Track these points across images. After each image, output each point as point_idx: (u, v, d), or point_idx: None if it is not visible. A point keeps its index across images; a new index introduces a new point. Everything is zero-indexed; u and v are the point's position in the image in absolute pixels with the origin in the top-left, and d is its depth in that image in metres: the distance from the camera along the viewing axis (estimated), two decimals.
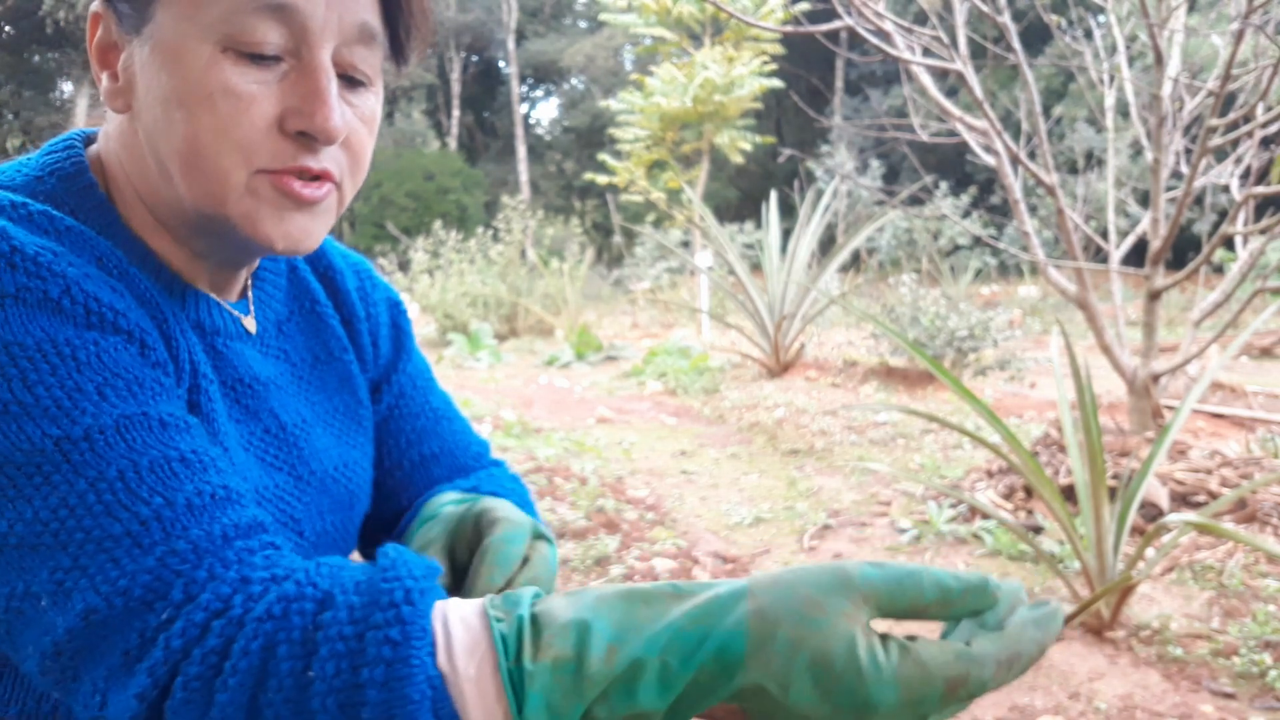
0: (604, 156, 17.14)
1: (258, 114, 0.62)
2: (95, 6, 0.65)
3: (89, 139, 0.73)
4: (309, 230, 0.67)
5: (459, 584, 0.74)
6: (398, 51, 0.69)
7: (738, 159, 16.71)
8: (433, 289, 9.99)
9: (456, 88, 28.31)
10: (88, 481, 0.54)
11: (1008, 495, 3.39)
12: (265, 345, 0.78)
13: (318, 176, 0.65)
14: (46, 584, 0.53)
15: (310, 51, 0.63)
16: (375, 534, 0.90)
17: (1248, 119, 3.28)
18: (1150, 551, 2.72)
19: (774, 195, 7.43)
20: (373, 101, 0.69)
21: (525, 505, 0.88)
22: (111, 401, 0.57)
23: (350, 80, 0.67)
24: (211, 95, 0.61)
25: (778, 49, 16.12)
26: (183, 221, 0.68)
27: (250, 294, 0.78)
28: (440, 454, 0.90)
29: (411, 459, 0.89)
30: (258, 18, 0.61)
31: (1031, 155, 4.74)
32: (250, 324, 0.77)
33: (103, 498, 0.54)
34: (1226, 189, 4.32)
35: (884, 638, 0.51)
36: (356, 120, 0.67)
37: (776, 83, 15.69)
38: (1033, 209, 13.29)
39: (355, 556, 0.94)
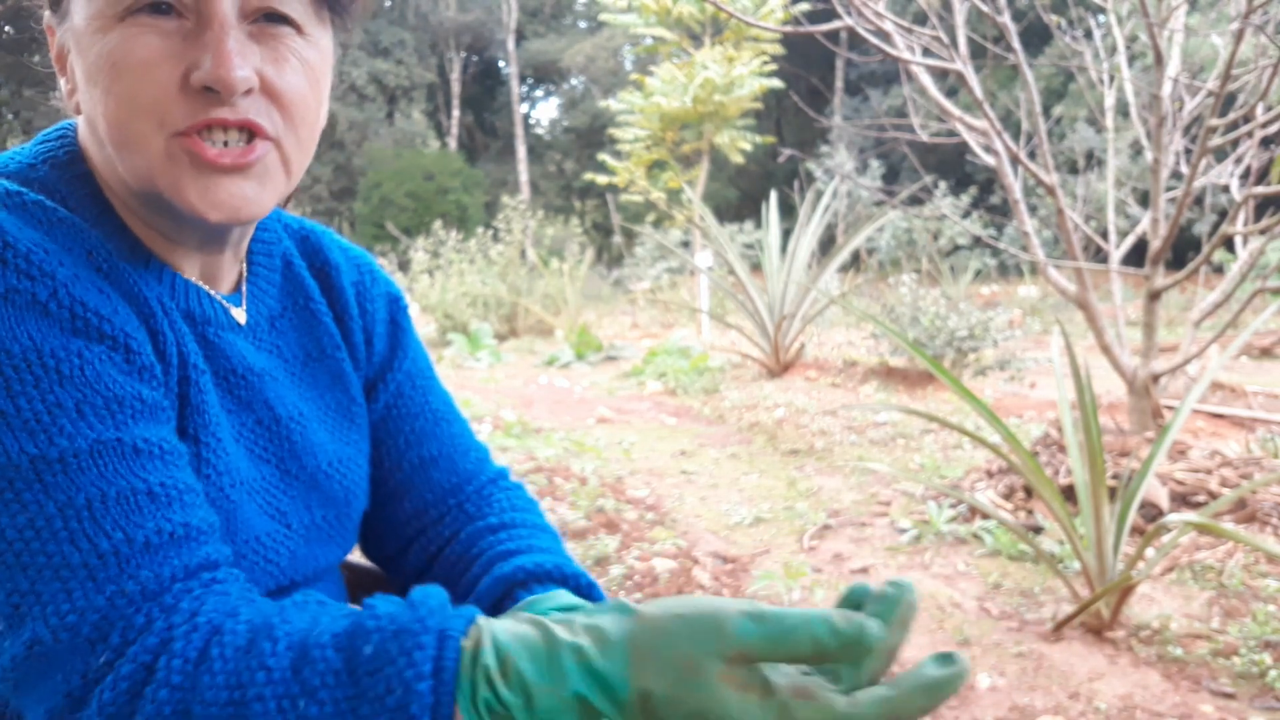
0: (604, 156, 17.12)
1: (163, 75, 0.61)
2: (46, 19, 0.66)
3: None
4: (246, 196, 0.64)
5: None
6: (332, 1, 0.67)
7: (738, 159, 16.69)
8: (433, 289, 9.98)
9: (456, 88, 28.30)
10: (56, 505, 0.55)
11: (1008, 495, 3.39)
12: (257, 338, 0.77)
13: (247, 132, 0.63)
14: (3, 605, 0.55)
15: (208, 3, 0.61)
16: (383, 536, 0.89)
17: (1248, 119, 3.28)
18: (1150, 551, 2.72)
19: (774, 195, 7.43)
20: (307, 50, 0.66)
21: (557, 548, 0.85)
22: (89, 421, 0.58)
23: (273, 20, 0.64)
24: (116, 64, 0.60)
25: (778, 49, 16.10)
26: (140, 203, 0.68)
27: (244, 287, 0.78)
28: (440, 457, 0.89)
29: (411, 461, 0.87)
30: None
31: (1031, 155, 4.74)
32: (240, 315, 0.76)
33: (69, 524, 0.55)
34: (1226, 189, 4.32)
35: (766, 685, 0.51)
36: (280, 67, 0.64)
37: (776, 83, 15.68)
38: (1033, 209, 13.29)
39: (355, 554, 0.93)
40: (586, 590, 0.78)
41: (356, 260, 0.89)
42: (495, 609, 0.77)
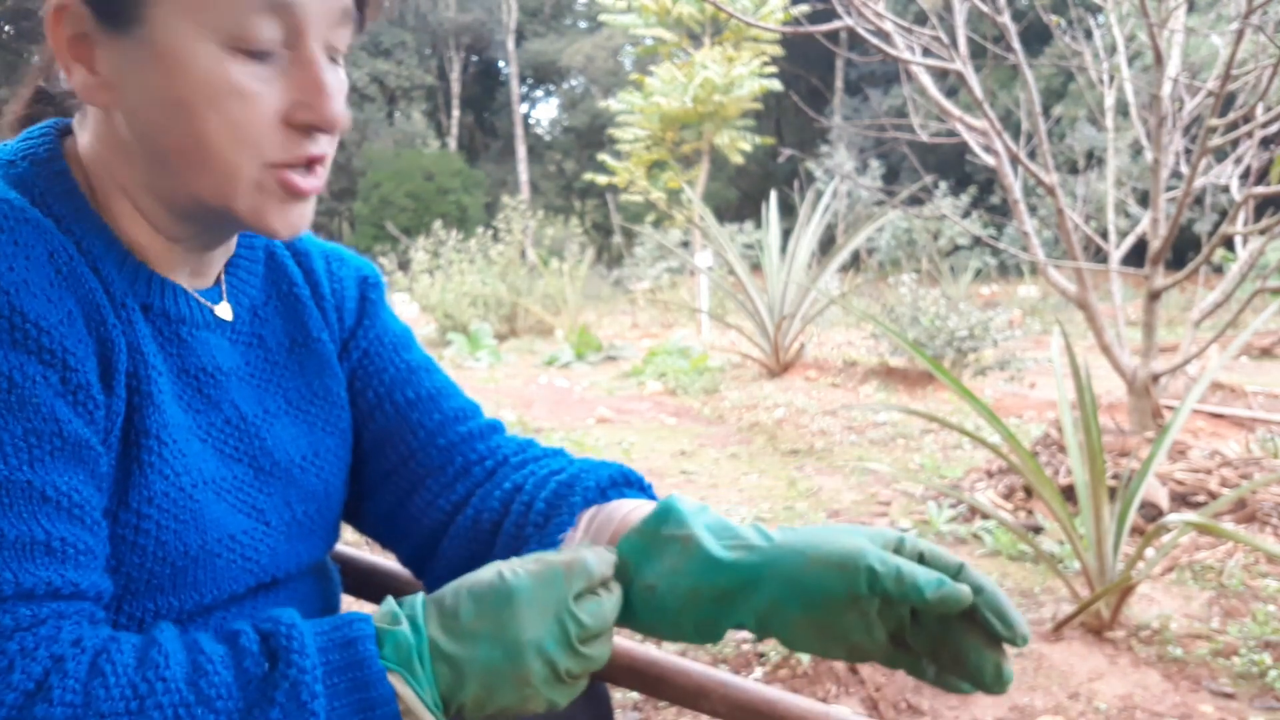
0: (604, 156, 17.15)
1: (265, 110, 0.64)
2: (55, 2, 0.64)
3: (65, 128, 0.73)
4: (306, 216, 0.70)
5: None
6: (359, 23, 0.71)
7: (738, 159, 16.72)
8: (433, 289, 9.98)
9: (456, 88, 28.31)
10: None
11: (1008, 495, 3.39)
12: (236, 333, 0.78)
13: (315, 161, 0.68)
14: None
15: (305, 44, 0.65)
16: (373, 496, 0.87)
17: (1248, 119, 3.28)
18: (1150, 551, 2.72)
19: (774, 195, 7.43)
20: (344, 75, 0.70)
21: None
22: (5, 453, 0.57)
23: (331, 61, 0.68)
24: (220, 96, 0.63)
25: (777, 49, 16.12)
26: (177, 212, 0.69)
27: (223, 281, 0.78)
28: (418, 400, 0.86)
29: (385, 411, 0.85)
30: (260, 17, 0.62)
31: (1031, 155, 4.73)
32: (225, 311, 0.77)
33: None
34: (1226, 189, 4.33)
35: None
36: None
37: (776, 84, 15.69)
38: (1033, 209, 13.28)
39: (356, 549, 0.93)
40: (645, 488, 0.83)
41: (323, 248, 0.90)
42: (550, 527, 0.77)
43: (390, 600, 0.65)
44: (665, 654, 0.82)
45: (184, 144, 0.64)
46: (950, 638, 0.63)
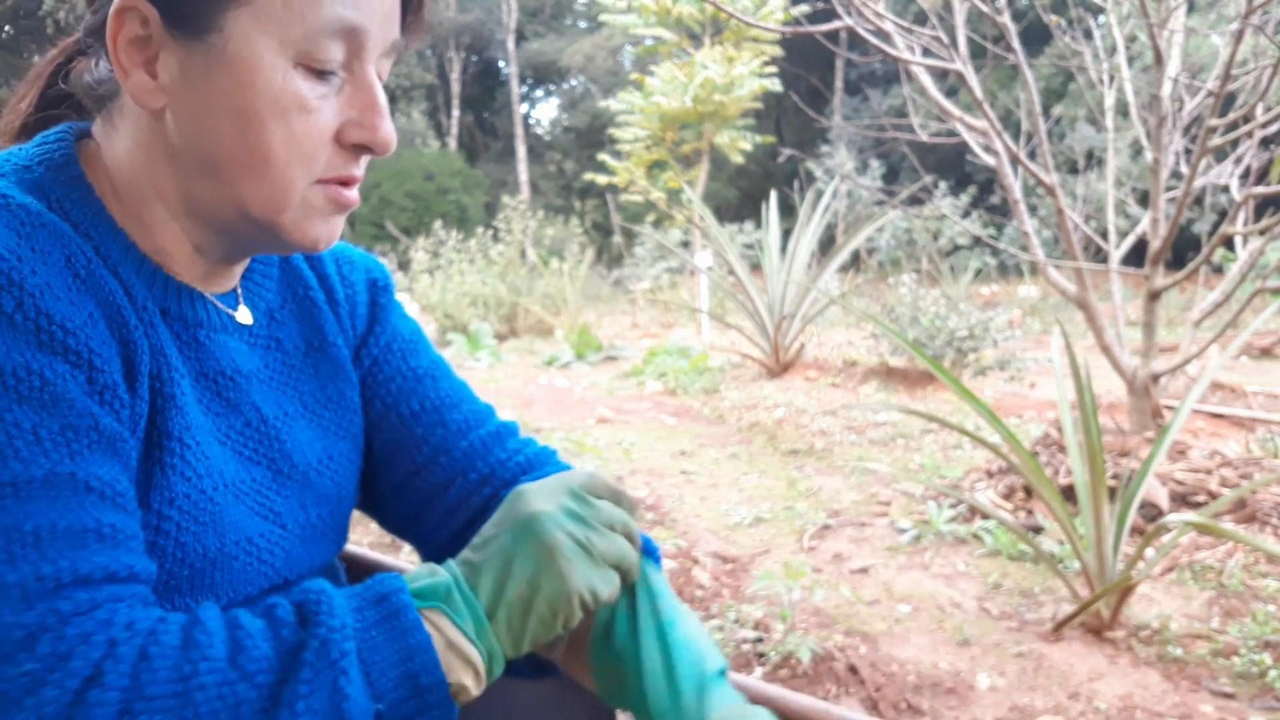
0: (604, 156, 17.14)
1: (323, 126, 0.67)
2: (123, 2, 0.64)
3: (81, 132, 0.73)
4: (340, 229, 0.73)
5: None
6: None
7: (738, 159, 16.72)
8: (433, 289, 9.99)
9: (456, 88, 28.30)
10: (2, 527, 0.55)
11: (1008, 495, 3.39)
12: (254, 336, 0.78)
13: (353, 182, 0.71)
14: None
15: (363, 67, 0.68)
16: (390, 504, 0.88)
17: (1248, 119, 3.29)
18: (1150, 551, 2.72)
19: (774, 195, 7.44)
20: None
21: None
22: (45, 448, 0.57)
23: None
24: (288, 110, 0.65)
25: (777, 49, 16.13)
26: (214, 224, 0.70)
27: (239, 285, 0.79)
28: (422, 412, 0.86)
29: (391, 422, 0.86)
30: (332, 38, 0.65)
31: (1031, 155, 4.73)
32: (245, 316, 0.77)
33: (10, 547, 0.55)
34: (1226, 189, 4.33)
35: None
36: None
37: (776, 84, 15.70)
38: (1033, 209, 13.29)
39: (352, 547, 0.93)
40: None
41: (334, 251, 0.90)
42: None
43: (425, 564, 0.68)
44: None
45: (243, 153, 0.65)
46: None
